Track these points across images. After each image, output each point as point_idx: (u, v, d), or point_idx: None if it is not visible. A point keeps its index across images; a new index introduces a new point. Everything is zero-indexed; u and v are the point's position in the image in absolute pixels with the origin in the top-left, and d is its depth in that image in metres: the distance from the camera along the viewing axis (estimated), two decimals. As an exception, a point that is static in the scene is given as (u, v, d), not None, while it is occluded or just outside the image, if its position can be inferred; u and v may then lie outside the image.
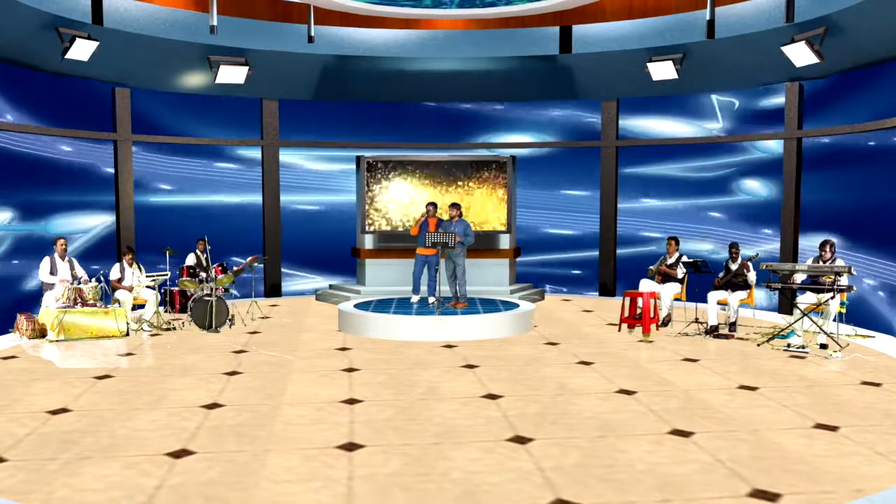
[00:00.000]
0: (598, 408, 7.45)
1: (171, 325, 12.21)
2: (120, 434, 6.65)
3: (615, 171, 16.11)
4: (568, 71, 15.09)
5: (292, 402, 7.72)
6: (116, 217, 14.67)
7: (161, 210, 15.29)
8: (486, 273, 15.17)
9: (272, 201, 16.18)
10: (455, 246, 12.20)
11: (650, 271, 12.55)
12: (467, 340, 11.15)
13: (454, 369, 9.25)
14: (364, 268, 15.58)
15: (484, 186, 15.47)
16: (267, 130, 16.05)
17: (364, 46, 14.70)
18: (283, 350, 10.51)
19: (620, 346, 10.73)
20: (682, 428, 6.76)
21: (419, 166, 15.62)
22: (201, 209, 15.72)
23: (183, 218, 15.39)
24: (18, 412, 7.37)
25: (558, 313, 14.00)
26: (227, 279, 12.71)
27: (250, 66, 14.15)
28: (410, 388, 8.33)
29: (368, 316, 11.80)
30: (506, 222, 15.50)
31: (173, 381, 8.63)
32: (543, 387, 8.34)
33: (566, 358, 9.91)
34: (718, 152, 15.17)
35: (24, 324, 11.36)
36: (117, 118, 14.66)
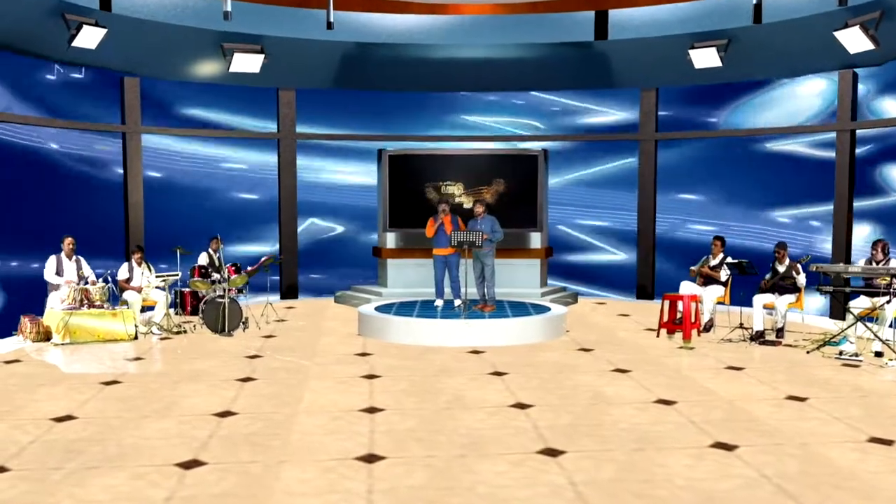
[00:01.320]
0: (634, 419, 7.42)
1: (181, 328, 12.29)
2: (127, 443, 6.70)
3: (654, 165, 16.04)
4: (604, 59, 15.04)
5: (309, 411, 7.75)
6: (125, 214, 14.78)
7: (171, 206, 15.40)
8: (516, 274, 15.15)
9: (289, 198, 16.25)
10: (482, 245, 12.18)
11: (692, 272, 12.48)
12: (495, 346, 11.14)
13: (481, 376, 9.24)
14: (386, 268, 15.61)
15: (513, 181, 15.45)
16: (283, 122, 16.11)
17: (386, 33, 14.72)
18: (299, 355, 10.55)
19: (659, 353, 10.67)
20: (725, 441, 6.71)
21: (444, 160, 15.63)
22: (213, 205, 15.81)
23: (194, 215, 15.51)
24: (21, 419, 7.45)
25: (592, 317, 13.96)
26: (241, 280, 12.78)
27: (266, 54, 14.21)
28: (434, 396, 8.33)
29: (390, 319, 11.81)
30: (536, 220, 15.47)
31: (184, 388, 8.69)
32: (576, 396, 8.32)
33: (601, 365, 9.88)
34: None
35: (28, 326, 11.46)
36: (126, 109, 14.77)
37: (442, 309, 12.71)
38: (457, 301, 12.85)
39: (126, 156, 14.80)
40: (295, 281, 16.40)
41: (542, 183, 15.55)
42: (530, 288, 15.25)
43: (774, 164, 14.92)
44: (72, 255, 12.01)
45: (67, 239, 12.03)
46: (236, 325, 12.18)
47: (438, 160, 15.63)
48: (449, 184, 15.48)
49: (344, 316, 14.01)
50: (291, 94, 16.12)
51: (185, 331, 12.26)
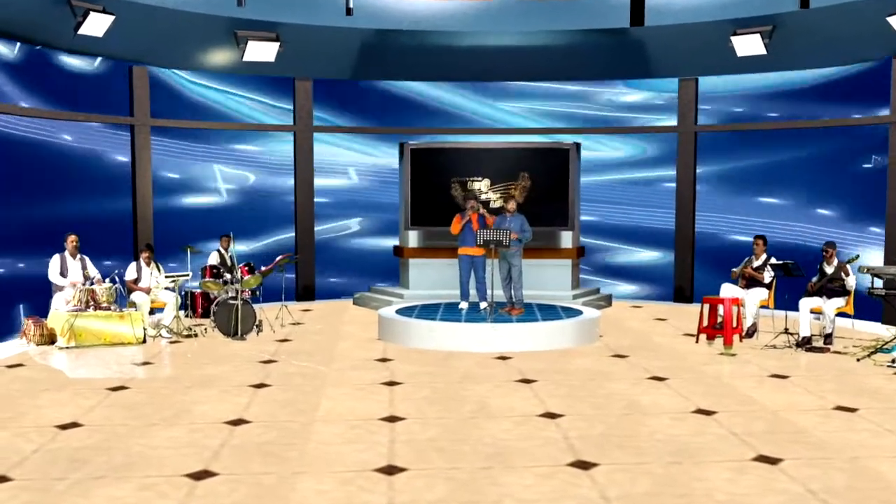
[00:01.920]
0: (671, 429, 7.39)
1: (192, 332, 12.35)
2: (135, 452, 6.74)
3: (693, 159, 15.97)
4: (640, 46, 14.97)
5: (326, 419, 7.77)
6: (133, 210, 14.87)
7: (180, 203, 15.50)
8: (545, 275, 15.12)
9: (305, 193, 16.30)
10: (511, 244, 12.17)
11: (733, 274, 12.41)
12: (523, 351, 11.13)
13: (508, 384, 9.24)
14: (407, 268, 15.63)
15: (542, 176, 15.43)
16: (300, 114, 16.16)
17: (408, 19, 14.72)
18: (316, 360, 10.58)
19: (698, 360, 10.63)
20: (769, 454, 6.68)
21: (469, 154, 15.63)
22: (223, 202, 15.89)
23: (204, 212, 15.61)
24: (24, 426, 7.52)
25: (627, 321, 13.92)
26: (255, 280, 12.83)
27: (281, 42, 14.25)
28: (458, 404, 8.33)
29: (412, 323, 11.83)
30: (568, 218, 15.44)
31: (194, 394, 8.74)
32: (609, 405, 8.30)
33: (636, 372, 9.85)
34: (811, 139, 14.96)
35: (32, 328, 11.55)
36: (134, 100, 14.86)
37: (467, 312, 12.71)
38: (482, 304, 12.84)
39: (134, 149, 14.89)
40: (311, 282, 16.46)
41: (574, 178, 15.52)
42: (561, 290, 15.22)
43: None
44: (75, 253, 12.08)
45: (70, 237, 12.08)
46: (249, 329, 12.23)
47: (463, 154, 15.63)
48: (475, 179, 15.48)
49: (363, 319, 14.04)
50: (308, 85, 16.17)
51: (196, 334, 12.32)
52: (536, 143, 15.97)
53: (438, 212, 15.18)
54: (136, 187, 14.91)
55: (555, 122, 16.73)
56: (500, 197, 14.92)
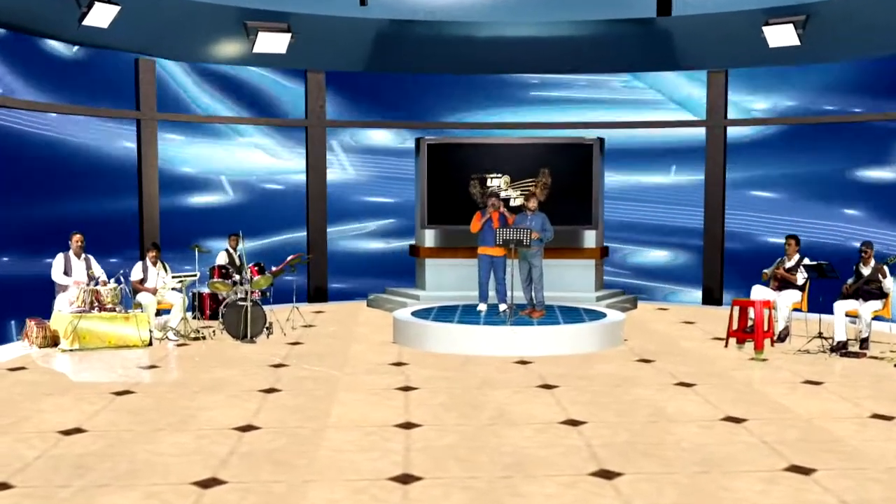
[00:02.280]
0: (699, 438, 7.37)
1: (199, 334, 12.39)
2: (140, 459, 6.77)
3: (723, 154, 15.91)
4: (667, 37, 14.93)
5: (338, 426, 7.78)
6: (139, 207, 14.93)
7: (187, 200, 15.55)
8: (568, 276, 15.09)
9: (318, 190, 16.33)
10: (531, 244, 12.15)
11: (764, 275, 12.36)
12: (544, 356, 11.11)
13: (528, 389, 9.23)
14: (424, 269, 15.63)
15: (565, 173, 15.39)
16: (312, 108, 16.19)
17: (424, 9, 14.73)
18: (328, 364, 10.60)
19: (727, 365, 10.59)
20: (802, 464, 6.65)
21: (488, 149, 15.61)
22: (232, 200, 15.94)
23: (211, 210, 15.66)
24: (26, 431, 7.55)
25: (653, 324, 13.88)
26: (265, 281, 12.85)
27: (293, 33, 14.28)
28: (476, 410, 8.33)
29: (428, 325, 11.84)
30: (591, 216, 15.41)
31: (202, 399, 8.76)
32: (634, 412, 8.28)
33: (662, 378, 9.83)
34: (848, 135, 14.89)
35: (35, 330, 11.60)
36: (141, 94, 14.91)
37: (486, 314, 12.70)
38: (502, 306, 12.82)
39: (140, 144, 14.94)
40: (324, 283, 16.48)
41: (598, 175, 15.47)
42: (584, 291, 15.19)
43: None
44: (80, 253, 12.13)
45: (75, 236, 12.13)
46: (259, 331, 12.26)
47: (482, 150, 15.61)
48: (494, 176, 15.46)
49: (377, 321, 14.05)
50: (321, 77, 16.20)
51: (204, 337, 12.36)
52: (558, 139, 15.94)
53: (456, 210, 15.18)
54: (142, 184, 14.96)
55: (577, 116, 16.69)
56: (521, 194, 14.88)
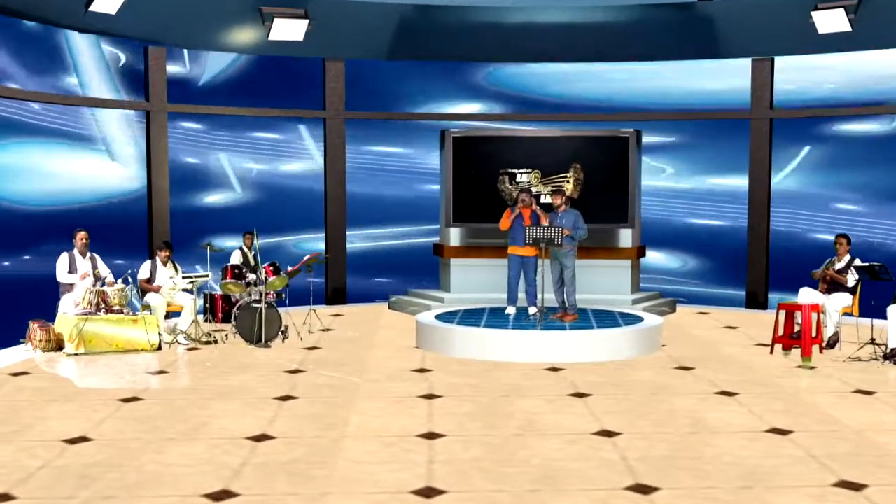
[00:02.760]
0: (742, 451, 7.34)
1: (211, 338, 12.43)
2: (149, 470, 6.80)
3: (769, 148, 15.83)
4: (709, 23, 14.87)
5: (358, 436, 7.80)
6: (148, 204, 15.01)
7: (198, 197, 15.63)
8: (602, 278, 15.03)
9: (336, 187, 16.36)
10: (563, 242, 12.12)
11: (813, 276, 12.28)
12: (577, 362, 11.09)
13: (559, 398, 9.22)
14: (448, 269, 15.63)
15: (599, 168, 15.34)
16: (330, 99, 16.23)
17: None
18: (347, 370, 10.62)
19: (773, 373, 10.54)
20: (852, 479, 6.61)
21: (517, 143, 15.59)
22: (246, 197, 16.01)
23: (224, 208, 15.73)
24: (30, 440, 7.61)
25: (693, 329, 13.84)
26: (280, 282, 12.86)
27: (310, 20, 14.31)
28: (504, 420, 8.33)
29: (453, 329, 11.84)
30: (627, 213, 15.36)
31: (214, 407, 8.80)
32: (673, 422, 8.26)
33: (702, 386, 9.79)
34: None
35: (38, 333, 11.67)
36: (151, 84, 15.00)
37: (514, 318, 12.69)
38: (532, 309, 12.81)
39: (150, 137, 15.02)
40: (343, 283, 16.51)
41: (635, 170, 15.41)
42: (619, 294, 15.14)
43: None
44: (85, 251, 12.19)
45: (80, 233, 12.20)
46: (275, 335, 12.29)
47: (511, 143, 15.59)
48: (524, 171, 15.44)
49: (400, 325, 14.07)
50: (340, 66, 16.22)
51: (216, 340, 12.39)
52: (592, 131, 15.90)
53: (483, 206, 15.18)
54: (151, 179, 15.04)
55: (613, 107, 16.65)
56: (552, 191, 14.87)
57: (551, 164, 15.43)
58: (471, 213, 15.49)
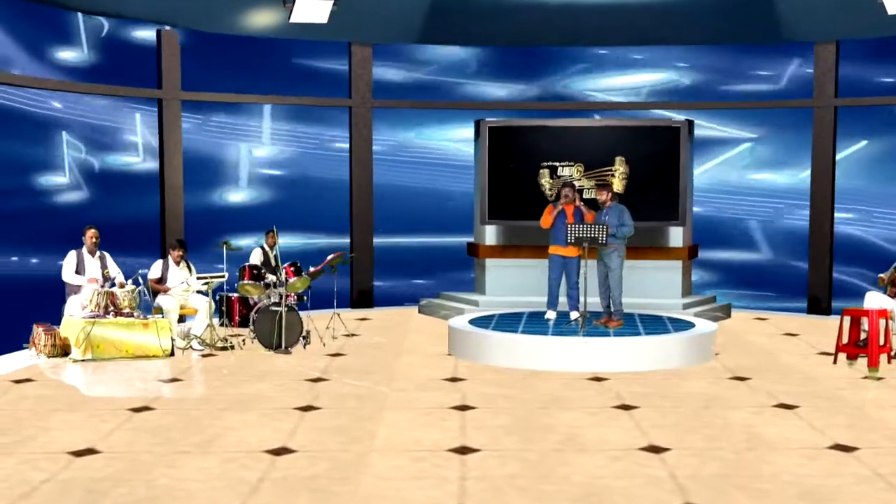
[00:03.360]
0: (802, 468, 7.30)
1: (228, 343, 12.49)
2: (160, 484, 6.84)
3: (833, 140, 15.73)
4: (767, 4, 14.80)
5: (385, 450, 7.81)
6: (161, 199, 15.09)
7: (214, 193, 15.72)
8: (650, 279, 14.97)
9: (363, 181, 16.39)
10: (607, 241, 12.06)
11: (881, 280, 12.20)
12: (622, 371, 11.07)
13: (603, 410, 9.20)
14: (484, 270, 15.62)
15: (647, 161, 15.28)
16: (356, 85, 16.26)
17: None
18: (374, 379, 10.65)
19: (836, 384, 10.48)
20: (923, 500, 6.57)
21: (559, 133, 15.55)
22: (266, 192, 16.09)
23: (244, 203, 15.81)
24: (33, 452, 7.67)
25: (749, 336, 13.77)
26: (302, 283, 12.89)
27: (335, 0, 14.34)
28: (543, 434, 8.32)
29: (488, 335, 11.84)
30: (677, 210, 15.29)
31: (230, 417, 8.84)
32: (727, 437, 8.22)
33: (759, 398, 9.75)
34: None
35: (43, 337, 11.75)
36: (163, 69, 15.07)
37: (555, 323, 12.67)
38: (573, 314, 12.78)
39: (162, 127, 15.11)
40: (369, 285, 16.54)
41: (686, 162, 15.32)
42: (668, 297, 15.08)
43: None
44: (95, 250, 12.28)
45: (90, 231, 12.27)
46: (295, 341, 12.33)
47: (552, 134, 15.53)
48: (565, 164, 15.40)
49: (430, 330, 14.09)
50: (367, 51, 16.25)
51: (233, 346, 12.46)
52: (640, 121, 15.86)
53: (522, 202, 15.16)
54: (164, 173, 15.12)
55: (662, 95, 16.61)
56: (595, 185, 14.82)
57: (595, 156, 15.36)
58: (508, 209, 15.46)
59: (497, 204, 15.54)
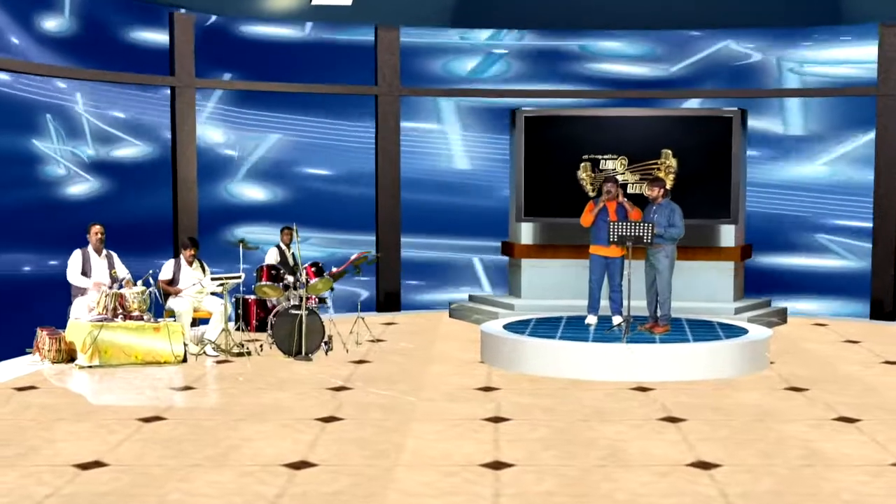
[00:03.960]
0: (863, 486, 7.26)
1: (244, 349, 12.52)
2: (172, 499, 6.88)
3: None
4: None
5: (412, 464, 7.82)
6: (173, 194, 15.15)
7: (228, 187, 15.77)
8: (699, 281, 14.93)
9: (389, 176, 16.39)
10: (652, 241, 12.00)
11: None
12: (669, 381, 11.06)
13: (648, 423, 9.18)
14: (519, 271, 15.60)
15: (695, 154, 15.22)
16: (383, 71, 16.27)
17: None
18: (401, 388, 10.66)
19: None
20: None
21: (601, 123, 15.51)
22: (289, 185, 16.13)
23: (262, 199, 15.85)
24: (37, 465, 7.72)
25: (807, 343, 13.72)
26: (324, 284, 12.90)
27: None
28: (583, 448, 8.31)
29: (524, 341, 11.83)
30: (729, 207, 15.22)
31: (246, 429, 8.88)
32: (782, 453, 8.19)
33: (817, 411, 9.71)
34: None
35: (47, 342, 11.82)
36: (176, 56, 15.13)
37: (596, 329, 12.65)
38: (616, 318, 12.75)
39: (175, 117, 15.16)
40: (396, 287, 16.55)
41: (739, 156, 15.25)
42: (719, 301, 15.03)
43: None
44: (101, 248, 12.33)
45: (95, 228, 12.31)
46: (317, 346, 12.36)
47: (593, 124, 15.50)
48: (608, 157, 15.36)
49: (462, 335, 14.09)
50: (394, 35, 16.25)
51: (250, 352, 12.49)
52: (689, 110, 15.79)
53: (560, 198, 15.14)
54: (176, 166, 15.18)
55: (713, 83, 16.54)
56: (640, 180, 14.78)
57: (641, 148, 15.33)
58: (546, 206, 15.44)
59: (534, 200, 15.52)
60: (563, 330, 12.58)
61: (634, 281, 12.22)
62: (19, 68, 13.26)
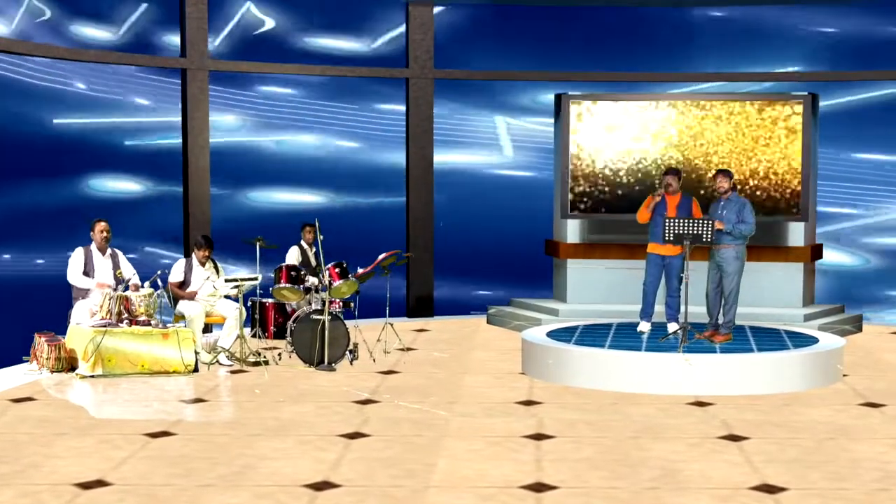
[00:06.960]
0: (947, 514, 7.24)
1: (261, 358, 12.55)
2: (181, 523, 6.93)
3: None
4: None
5: (445, 485, 7.83)
6: (184, 188, 15.21)
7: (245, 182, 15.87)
8: (765, 285, 14.85)
9: (421, 168, 16.41)
10: (713, 239, 11.90)
11: None
12: (730, 395, 11.03)
13: (706, 441, 9.16)
14: (564, 273, 15.58)
15: (762, 143, 15.17)
16: (414, 53, 16.28)
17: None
18: (433, 402, 10.68)
19: None
20: None
21: (658, 111, 15.49)
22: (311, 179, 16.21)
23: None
24: (35, 483, 7.77)
25: (884, 353, 13.66)
26: (349, 287, 12.92)
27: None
28: (634, 469, 8.30)
29: (569, 351, 11.83)
30: (798, 203, 15.16)
31: (262, 445, 8.91)
32: (855, 476, 8.15)
33: (895, 429, 9.67)
34: None
35: (46, 350, 11.89)
36: (187, 35, 15.18)
37: (649, 337, 12.63)
38: (672, 325, 12.72)
39: (186, 102, 15.22)
40: (429, 290, 16.56)
41: (809, 146, 15.19)
42: (787, 307, 14.98)
43: None
44: (105, 247, 12.39)
45: (99, 224, 12.37)
46: (341, 355, 12.39)
47: (650, 110, 15.48)
48: (666, 145, 15.32)
49: (501, 344, 14.11)
50: (427, 12, 16.26)
51: (267, 361, 12.52)
52: (751, 95, 15.73)
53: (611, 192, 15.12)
54: (187, 158, 15.23)
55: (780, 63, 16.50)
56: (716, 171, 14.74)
57: (703, 135, 15.28)
58: (595, 200, 15.40)
59: (581, 194, 15.47)
60: (612, 338, 12.57)
61: (693, 283, 12.17)
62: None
